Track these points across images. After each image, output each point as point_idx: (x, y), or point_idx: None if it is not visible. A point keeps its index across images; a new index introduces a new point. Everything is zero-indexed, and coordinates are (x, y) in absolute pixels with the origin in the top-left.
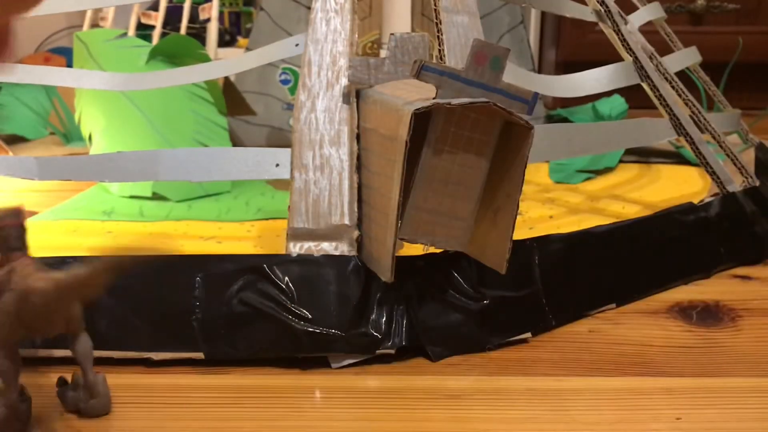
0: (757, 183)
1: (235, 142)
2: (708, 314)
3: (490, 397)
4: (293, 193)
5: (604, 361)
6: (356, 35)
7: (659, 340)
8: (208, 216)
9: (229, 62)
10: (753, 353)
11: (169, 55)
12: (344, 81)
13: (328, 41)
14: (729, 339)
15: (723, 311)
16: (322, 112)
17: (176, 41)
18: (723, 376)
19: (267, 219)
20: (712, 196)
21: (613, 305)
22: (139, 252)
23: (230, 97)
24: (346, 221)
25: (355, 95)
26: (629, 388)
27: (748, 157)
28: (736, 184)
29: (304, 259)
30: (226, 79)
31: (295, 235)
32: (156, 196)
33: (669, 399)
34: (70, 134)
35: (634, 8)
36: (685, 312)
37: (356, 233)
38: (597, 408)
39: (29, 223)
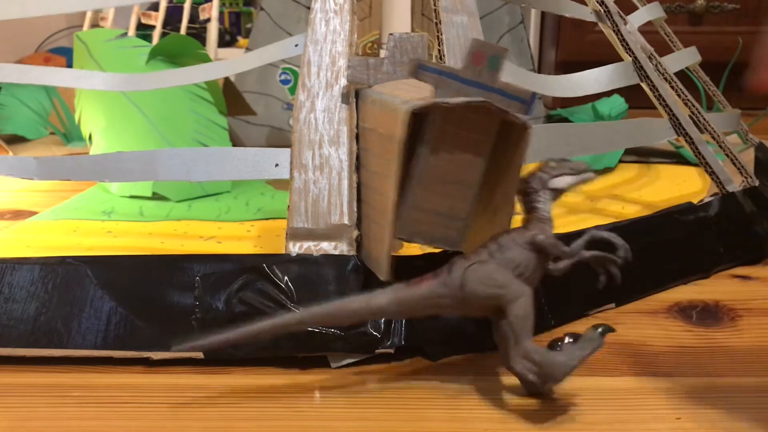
0: (757, 183)
1: (235, 142)
2: (708, 314)
3: (490, 397)
4: (293, 193)
5: (604, 361)
6: (355, 36)
7: (659, 340)
8: (208, 216)
9: (229, 62)
10: (753, 353)
11: (169, 55)
12: (343, 81)
13: (327, 42)
14: (729, 339)
15: (723, 311)
16: (322, 112)
17: (176, 41)
18: (723, 376)
19: (267, 219)
20: (711, 195)
21: (613, 305)
22: (139, 252)
23: (230, 97)
24: (346, 221)
25: (354, 95)
26: (629, 388)
27: (748, 157)
28: (736, 184)
29: (304, 259)
30: (226, 79)
31: (294, 234)
32: (156, 196)
33: (669, 399)
34: (70, 134)
35: (634, 8)
36: (685, 312)
37: (355, 233)
38: (597, 408)
39: (29, 222)
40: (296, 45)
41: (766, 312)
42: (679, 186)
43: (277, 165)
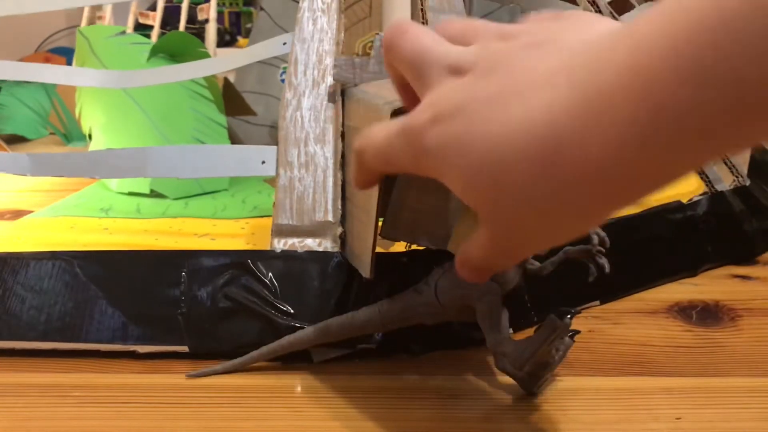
0: (748, 182)
1: (236, 142)
2: (708, 314)
3: (488, 396)
4: (278, 190)
5: (604, 361)
6: (342, 34)
7: (659, 340)
8: (204, 213)
9: (219, 60)
10: (753, 353)
11: (171, 52)
12: (330, 80)
13: (314, 40)
14: (729, 339)
15: (723, 311)
16: (308, 110)
17: (177, 38)
18: (723, 376)
19: (261, 216)
20: (701, 194)
21: (597, 302)
22: (132, 248)
23: (230, 98)
24: (330, 218)
25: (340, 94)
26: (629, 388)
27: (745, 158)
28: (726, 183)
29: (288, 255)
30: (226, 80)
31: (279, 231)
32: (154, 194)
33: (669, 399)
34: (70, 134)
35: (632, 7)
36: (685, 312)
37: (340, 230)
38: (596, 408)
39: (26, 219)
40: (284, 43)
41: (766, 312)
42: (676, 185)
43: (263, 162)
